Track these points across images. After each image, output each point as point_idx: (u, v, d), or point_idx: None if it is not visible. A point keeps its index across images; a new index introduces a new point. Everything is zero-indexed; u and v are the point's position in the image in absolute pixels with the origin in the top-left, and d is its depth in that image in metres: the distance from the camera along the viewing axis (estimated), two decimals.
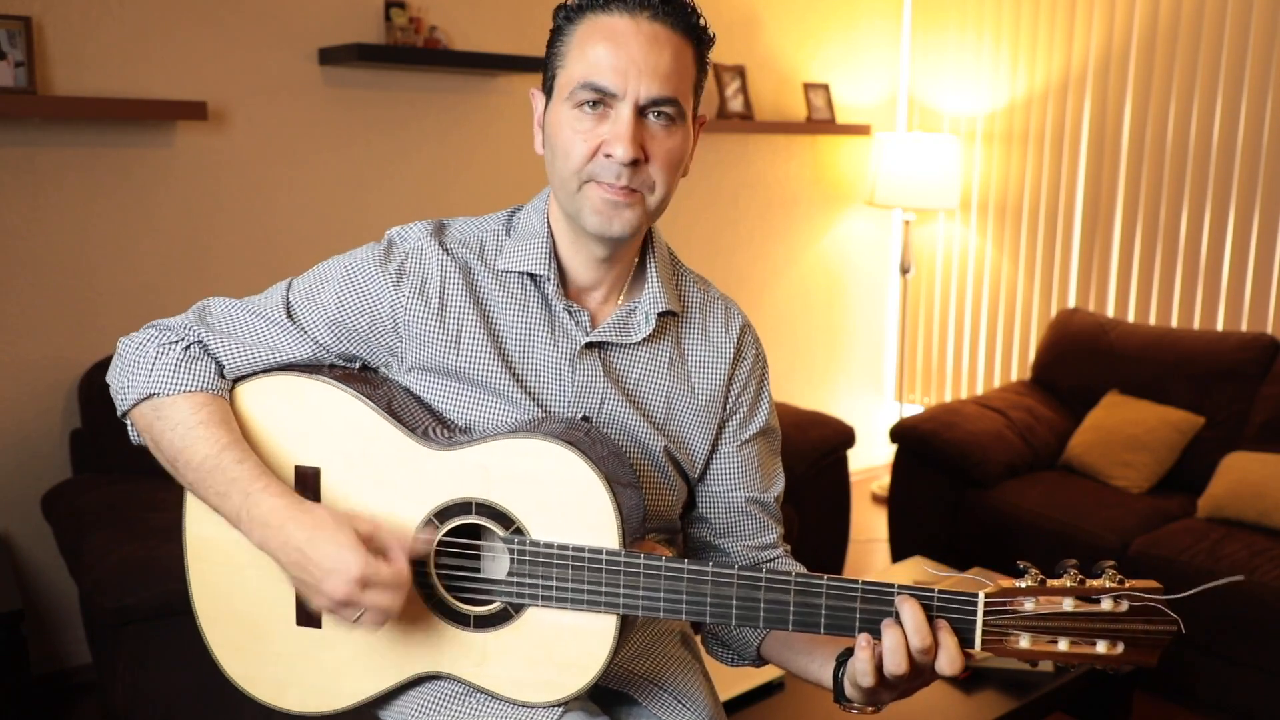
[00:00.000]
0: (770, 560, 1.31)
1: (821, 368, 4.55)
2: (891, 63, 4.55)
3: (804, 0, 4.16)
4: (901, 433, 3.41)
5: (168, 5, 2.72)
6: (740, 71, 3.93)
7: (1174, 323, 3.84)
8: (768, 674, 2.06)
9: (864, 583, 1.05)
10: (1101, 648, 1.01)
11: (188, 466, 1.12)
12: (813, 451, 3.22)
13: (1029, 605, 1.01)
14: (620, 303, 1.23)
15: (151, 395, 1.14)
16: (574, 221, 1.15)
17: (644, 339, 1.22)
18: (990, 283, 4.41)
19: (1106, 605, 1.00)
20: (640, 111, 1.09)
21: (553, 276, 1.18)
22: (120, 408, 1.19)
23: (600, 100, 1.08)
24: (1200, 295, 3.76)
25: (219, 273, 2.87)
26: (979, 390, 4.46)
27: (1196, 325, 3.77)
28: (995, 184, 4.34)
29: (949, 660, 1.02)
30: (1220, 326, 3.72)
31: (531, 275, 1.19)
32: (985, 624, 1.02)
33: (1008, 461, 3.28)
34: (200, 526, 1.20)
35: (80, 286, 2.68)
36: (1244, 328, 3.64)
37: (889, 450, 4.56)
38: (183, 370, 1.14)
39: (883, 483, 4.35)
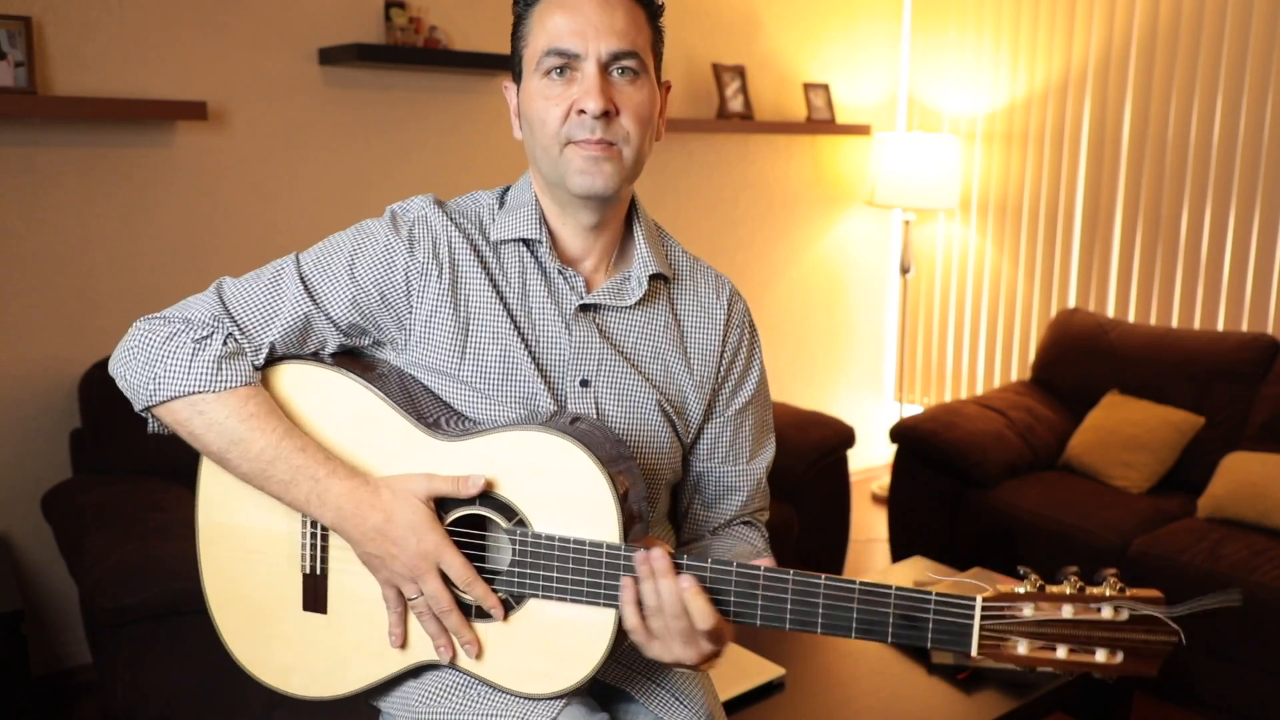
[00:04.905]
0: (733, 530, 1.35)
1: (821, 368, 4.55)
2: (891, 63, 4.55)
3: (804, 0, 4.16)
4: (901, 433, 3.41)
5: (168, 5, 2.72)
6: (740, 71, 3.92)
7: (1174, 323, 3.83)
8: (768, 674, 2.06)
9: (861, 583, 1.05)
10: (1101, 656, 1.00)
11: (244, 458, 1.14)
12: (812, 451, 3.21)
13: (1027, 611, 1.01)
14: (612, 272, 1.27)
15: (196, 393, 1.13)
16: (560, 189, 1.19)
17: (637, 302, 1.25)
18: (990, 283, 4.41)
19: (1107, 613, 0.99)
20: (605, 69, 1.15)
21: (545, 240, 1.22)
22: (144, 401, 1.16)
23: (566, 65, 1.15)
24: (1200, 295, 3.76)
25: (219, 273, 2.84)
26: (979, 390, 4.46)
27: (1196, 325, 3.77)
28: (995, 184, 4.34)
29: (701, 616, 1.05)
30: (1220, 326, 3.72)
31: (526, 241, 1.23)
32: (982, 628, 1.02)
33: (1008, 462, 3.28)
34: (213, 513, 1.22)
35: (80, 286, 2.68)
36: (1244, 328, 3.64)
37: (889, 450, 4.56)
38: (225, 367, 1.14)
39: (883, 483, 4.35)
